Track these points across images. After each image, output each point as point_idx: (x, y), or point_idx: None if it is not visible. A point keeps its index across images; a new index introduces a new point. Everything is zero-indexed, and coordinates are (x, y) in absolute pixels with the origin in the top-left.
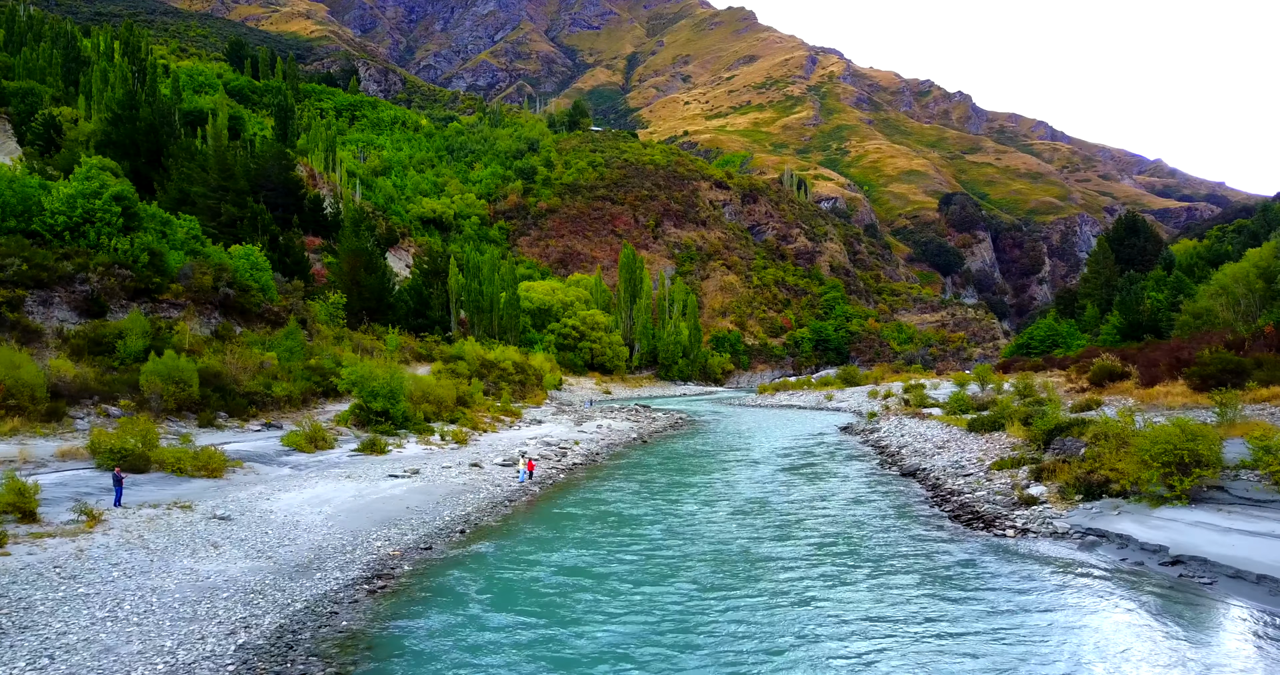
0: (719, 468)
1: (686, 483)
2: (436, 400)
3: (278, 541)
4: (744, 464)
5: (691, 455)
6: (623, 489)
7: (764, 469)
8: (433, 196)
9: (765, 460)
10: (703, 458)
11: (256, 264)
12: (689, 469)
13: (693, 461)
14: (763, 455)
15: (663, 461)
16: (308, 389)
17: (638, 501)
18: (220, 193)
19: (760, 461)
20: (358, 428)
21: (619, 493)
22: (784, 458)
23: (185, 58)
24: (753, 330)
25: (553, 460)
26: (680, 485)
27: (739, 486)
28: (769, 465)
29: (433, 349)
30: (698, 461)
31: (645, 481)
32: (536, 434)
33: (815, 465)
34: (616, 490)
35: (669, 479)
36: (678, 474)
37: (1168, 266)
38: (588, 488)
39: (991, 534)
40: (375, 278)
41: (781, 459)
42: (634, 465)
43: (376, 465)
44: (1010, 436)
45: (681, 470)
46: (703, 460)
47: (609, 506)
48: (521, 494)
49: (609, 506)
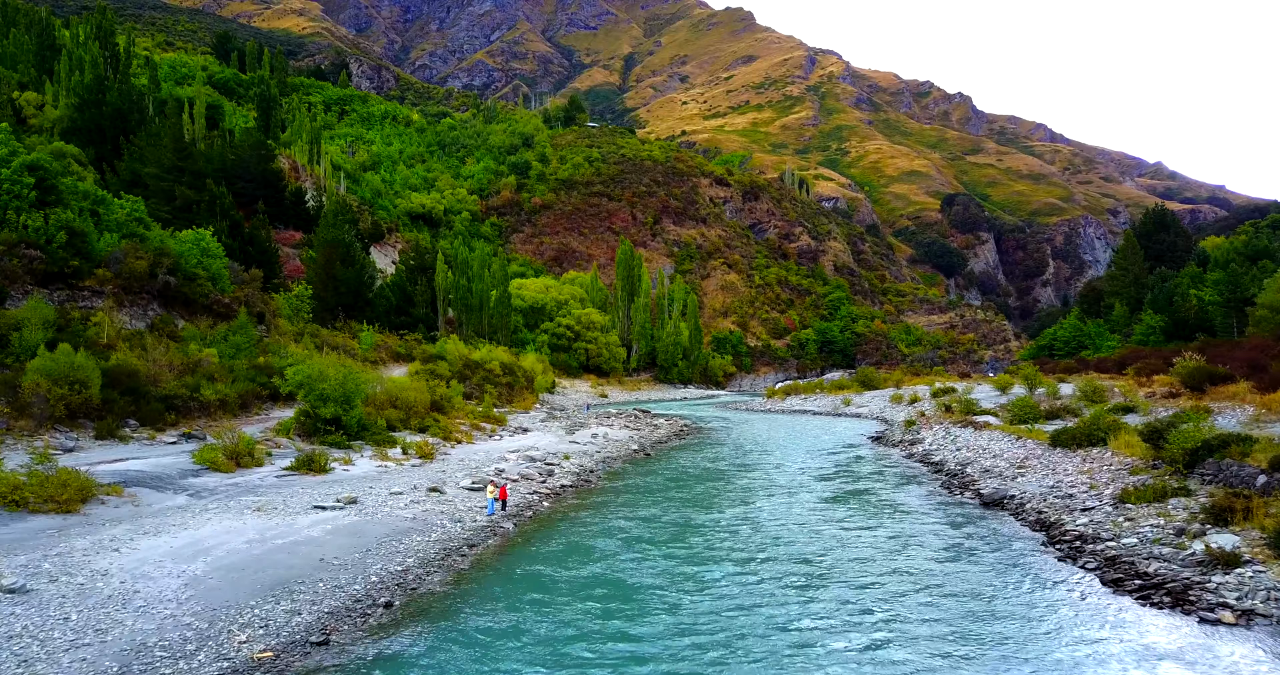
0: (742, 496)
1: (704, 522)
2: (405, 405)
3: (75, 636)
4: (773, 490)
5: (704, 476)
6: (620, 532)
7: (802, 498)
8: (422, 192)
9: (798, 484)
10: (719, 480)
11: (208, 250)
12: (704, 498)
13: (707, 486)
14: (793, 476)
15: (670, 485)
16: (250, 392)
17: (641, 556)
18: (175, 174)
19: (793, 487)
20: (302, 438)
21: (615, 539)
22: (821, 480)
23: (171, 51)
24: (755, 331)
25: (536, 482)
26: (696, 527)
27: (776, 528)
28: (806, 492)
29: (413, 348)
30: (713, 486)
31: (649, 519)
32: (520, 446)
33: (865, 492)
34: (611, 533)
35: (680, 514)
36: (690, 507)
37: (1202, 262)
38: (575, 526)
39: (1189, 615)
40: (353, 271)
41: (818, 482)
42: (635, 490)
43: (308, 490)
44: (1120, 455)
45: (695, 501)
46: (719, 484)
47: (600, 565)
48: (488, 534)
49: (600, 565)
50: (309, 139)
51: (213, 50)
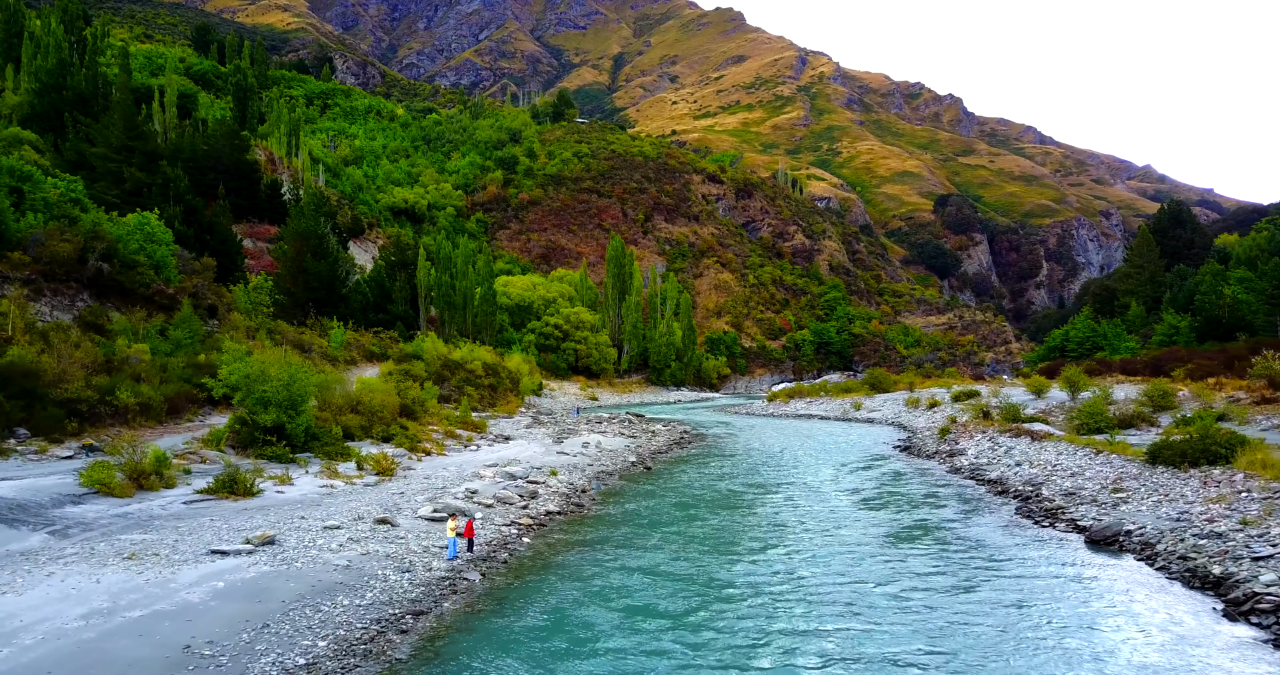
0: (772, 532)
1: (730, 580)
2: (369, 410)
3: None
4: (809, 521)
5: (718, 500)
6: (621, 595)
7: (852, 536)
8: (405, 186)
9: (839, 512)
10: (737, 507)
11: (153, 235)
12: (724, 536)
13: (725, 516)
14: (827, 500)
15: (678, 513)
16: (183, 394)
17: (653, 642)
18: (125, 154)
19: (834, 518)
20: (236, 451)
21: (614, 608)
22: (865, 506)
23: (149, 43)
24: (750, 332)
25: (515, 507)
26: (720, 588)
27: (831, 588)
28: (854, 526)
29: (388, 347)
30: (732, 516)
31: (657, 572)
32: (500, 458)
33: (928, 525)
34: (608, 596)
35: (697, 565)
36: (709, 551)
37: (1223, 259)
38: (562, 580)
39: None
40: (325, 264)
41: (862, 509)
42: (636, 520)
43: (218, 523)
44: (1258, 477)
45: (713, 541)
46: (739, 513)
47: (597, 661)
48: (445, 590)
49: (597, 661)
50: (287, 131)
51: (191, 42)
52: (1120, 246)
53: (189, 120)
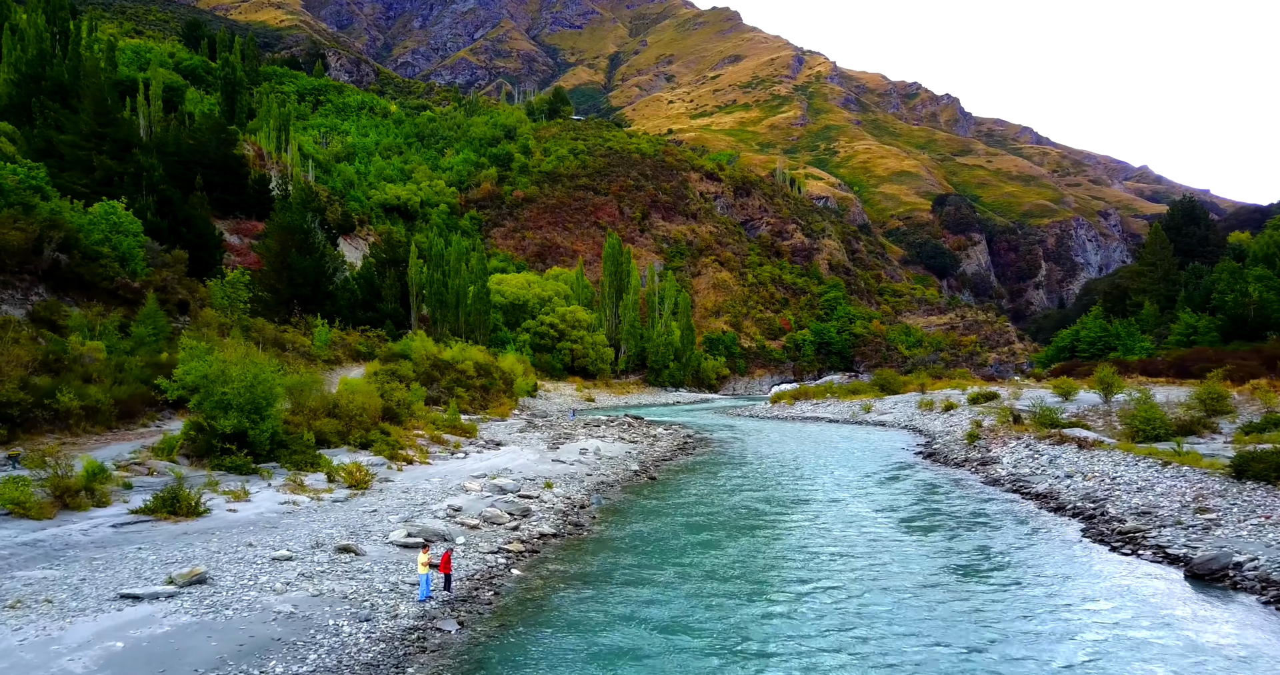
0: (804, 562)
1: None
2: (347, 414)
3: None
4: (842, 546)
5: (734, 519)
6: (632, 655)
7: (895, 568)
8: (398, 183)
9: (876, 534)
10: (757, 528)
11: (120, 226)
12: (746, 566)
13: (745, 541)
14: (860, 518)
15: (690, 537)
16: (139, 396)
17: None
18: (95, 142)
19: (872, 542)
20: (191, 461)
21: None
22: (906, 528)
23: (139, 38)
24: (749, 331)
25: (504, 528)
26: (755, 645)
27: (895, 649)
28: (895, 552)
29: (375, 346)
30: (753, 541)
31: (674, 620)
32: (490, 466)
33: (982, 548)
34: (618, 659)
35: (721, 605)
36: (733, 586)
37: (1238, 257)
38: (558, 632)
39: None
40: (311, 260)
41: (904, 530)
42: (643, 546)
43: (146, 552)
44: None
45: (737, 573)
46: (761, 536)
47: None
48: (412, 650)
49: None
50: (276, 125)
51: (182, 38)
52: (1119, 247)
53: (174, 114)
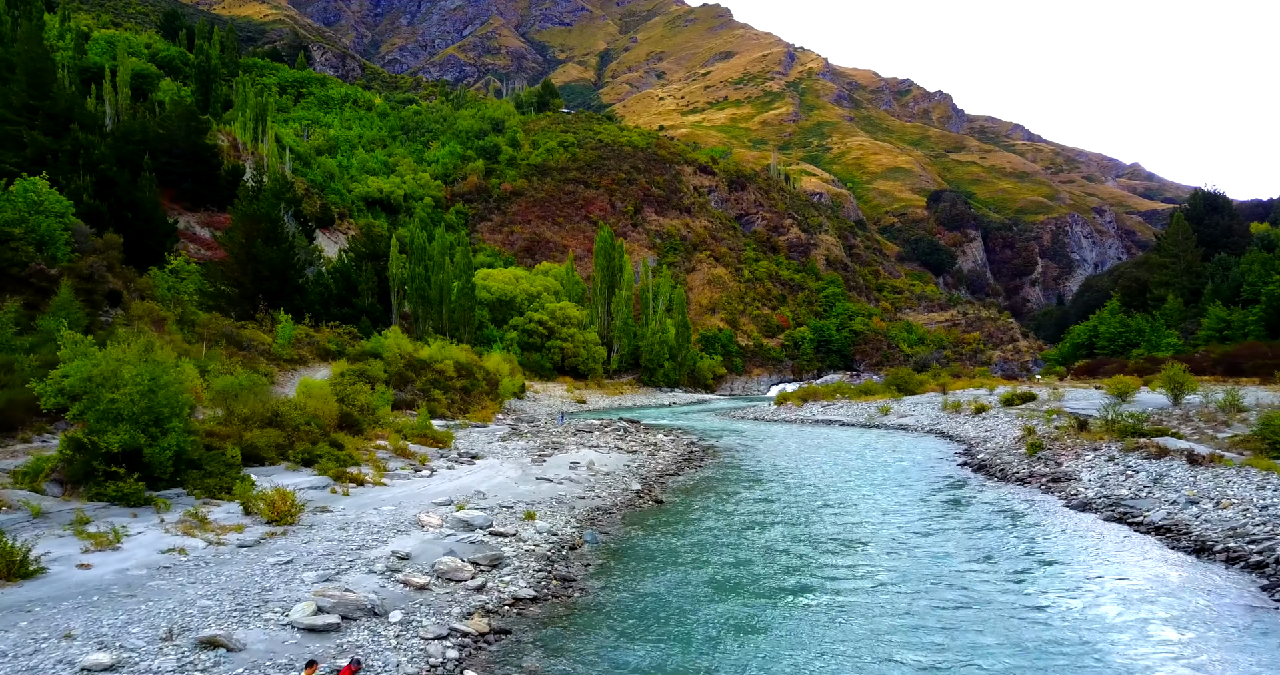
0: (890, 650)
1: None
2: (291, 423)
3: None
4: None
5: (772, 569)
6: None
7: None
8: (381, 176)
9: (976, 601)
10: (808, 589)
11: (41, 205)
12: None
13: (798, 611)
14: (941, 576)
15: (718, 598)
16: (24, 403)
17: None
18: (27, 116)
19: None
20: (66, 488)
21: None
22: (1010, 587)
23: (115, 29)
24: (746, 329)
25: (466, 584)
26: None
27: None
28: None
29: (345, 344)
30: (808, 612)
31: None
32: (458, 488)
33: (1139, 625)
34: None
35: None
36: None
37: (1266, 247)
38: None
39: None
40: (278, 252)
41: (1004, 589)
42: (658, 623)
43: None
44: None
45: None
46: (819, 605)
47: None
48: None
49: None
50: (253, 115)
51: (159, 28)
52: (1115, 244)
53: (144, 102)
